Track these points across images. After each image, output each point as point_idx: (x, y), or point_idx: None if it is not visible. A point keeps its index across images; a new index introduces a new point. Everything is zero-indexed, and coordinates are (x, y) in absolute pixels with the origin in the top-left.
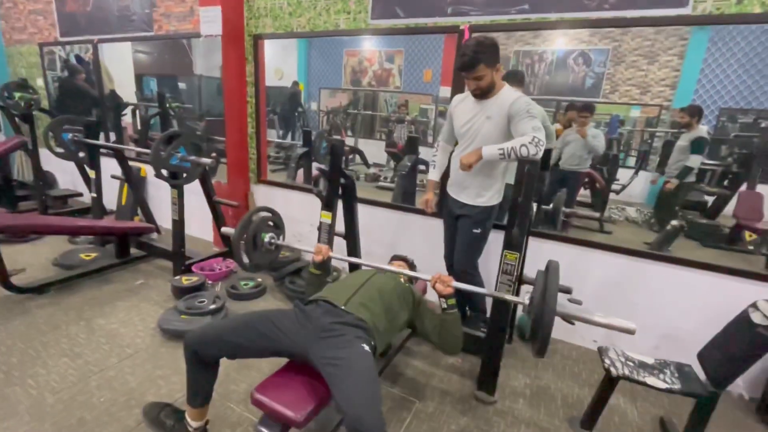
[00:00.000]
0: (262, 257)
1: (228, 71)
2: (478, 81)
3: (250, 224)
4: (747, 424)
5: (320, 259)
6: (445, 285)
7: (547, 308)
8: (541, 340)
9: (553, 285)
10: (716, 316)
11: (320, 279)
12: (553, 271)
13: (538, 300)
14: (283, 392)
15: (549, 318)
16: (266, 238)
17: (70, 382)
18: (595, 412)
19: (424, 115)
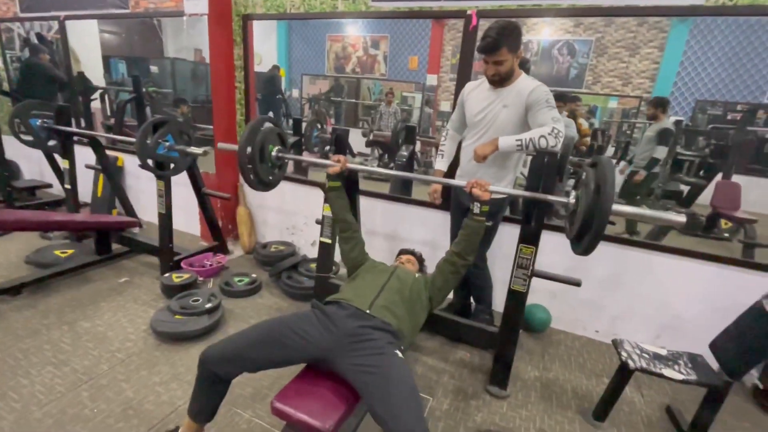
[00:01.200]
0: (269, 172)
1: (215, 54)
2: (498, 66)
3: (258, 133)
4: (745, 408)
5: (336, 169)
6: (483, 189)
7: (605, 203)
8: (592, 238)
9: (610, 179)
10: (715, 305)
11: (340, 192)
12: (606, 166)
13: (591, 197)
14: (307, 400)
15: (606, 212)
16: (274, 151)
17: (59, 393)
18: (608, 403)
19: (405, 103)
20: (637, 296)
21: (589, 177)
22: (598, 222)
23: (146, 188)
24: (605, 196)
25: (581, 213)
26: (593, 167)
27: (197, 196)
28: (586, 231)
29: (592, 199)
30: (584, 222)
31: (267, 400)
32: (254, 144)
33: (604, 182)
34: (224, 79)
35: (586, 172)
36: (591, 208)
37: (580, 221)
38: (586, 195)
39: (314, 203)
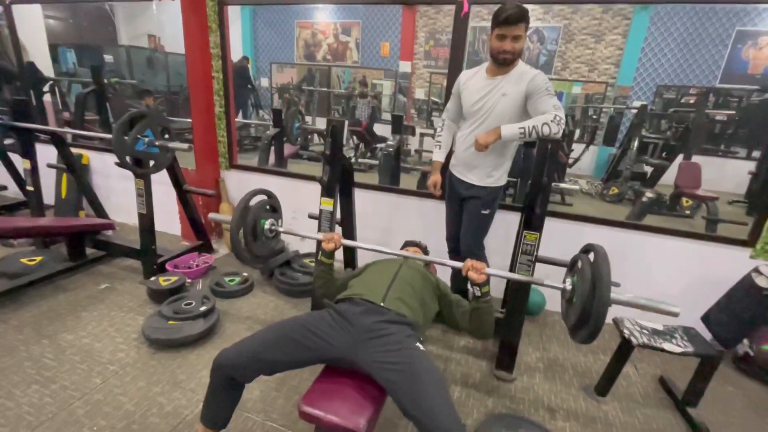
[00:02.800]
0: (262, 247)
1: (190, 43)
2: (515, 42)
3: (249, 210)
4: (728, 374)
5: (332, 247)
6: (479, 273)
7: (601, 300)
8: (591, 331)
9: (606, 274)
10: (694, 279)
11: (330, 270)
12: (602, 258)
13: (587, 290)
14: (334, 401)
15: (603, 309)
16: (266, 225)
17: (50, 413)
18: (610, 379)
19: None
20: (624, 275)
21: (584, 265)
22: (596, 319)
23: (116, 187)
24: (603, 292)
25: (578, 306)
26: (587, 254)
27: (178, 193)
28: (584, 324)
29: (588, 296)
30: (582, 315)
31: (278, 402)
32: (246, 224)
33: (600, 278)
34: (200, 69)
35: (581, 259)
36: (588, 304)
37: (577, 314)
38: (582, 285)
39: (302, 197)
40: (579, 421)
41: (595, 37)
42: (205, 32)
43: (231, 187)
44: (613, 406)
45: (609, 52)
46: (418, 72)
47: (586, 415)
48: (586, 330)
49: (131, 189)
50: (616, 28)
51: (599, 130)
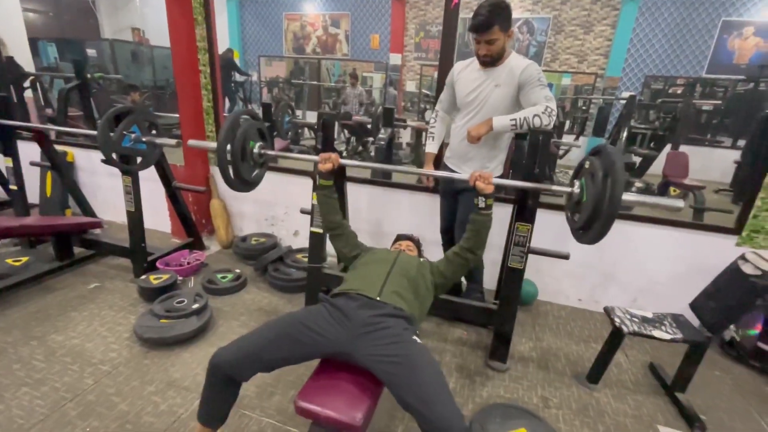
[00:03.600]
0: (250, 171)
1: (175, 36)
2: (489, 45)
3: (237, 128)
4: (715, 359)
5: (330, 166)
6: (486, 182)
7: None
8: (602, 226)
9: (619, 166)
10: (682, 267)
11: (331, 193)
12: (613, 153)
13: (599, 184)
14: (331, 396)
15: (615, 200)
16: (255, 148)
17: (41, 415)
18: (601, 367)
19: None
20: (614, 264)
21: (594, 165)
22: (609, 210)
23: (104, 184)
24: (616, 182)
25: (589, 202)
26: (596, 155)
27: (167, 190)
28: (595, 220)
29: (601, 187)
30: (594, 211)
31: (274, 398)
32: (235, 141)
33: (614, 169)
34: (187, 62)
35: (590, 161)
36: (600, 196)
37: (589, 210)
38: (593, 184)
39: (294, 192)
40: (572, 408)
41: (585, 28)
42: (191, 24)
43: (221, 182)
44: (605, 393)
45: (598, 43)
46: (409, 64)
47: (579, 403)
48: (598, 223)
49: (119, 186)
50: (605, 19)
51: (589, 121)
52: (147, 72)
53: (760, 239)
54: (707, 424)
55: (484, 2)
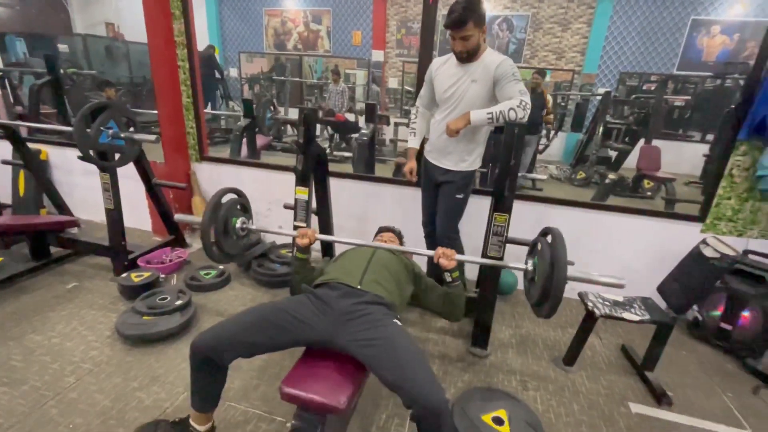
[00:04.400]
0: (234, 245)
1: (153, 31)
2: (465, 41)
3: (220, 208)
4: (682, 339)
5: (307, 242)
6: (449, 259)
7: (559, 277)
8: (552, 305)
9: (562, 254)
10: (653, 253)
11: (306, 264)
12: (559, 239)
13: (547, 269)
14: (315, 381)
15: (561, 286)
16: (237, 224)
17: (21, 414)
18: (576, 349)
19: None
20: (589, 252)
21: (543, 248)
22: (554, 295)
23: (80, 183)
24: (560, 269)
25: (539, 284)
26: (545, 236)
27: (147, 187)
28: (544, 300)
29: (547, 275)
30: (543, 292)
31: (259, 390)
32: (217, 221)
33: (558, 258)
34: (165, 57)
35: (540, 241)
36: (547, 282)
37: (539, 291)
38: (542, 265)
39: (276, 188)
40: (549, 390)
41: (562, 25)
42: (168, 19)
43: (203, 179)
44: (580, 374)
45: (575, 41)
46: (391, 61)
47: (556, 384)
48: (548, 305)
49: (96, 184)
50: (581, 17)
51: (567, 117)
52: (123, 68)
53: (722, 226)
54: (674, 400)
55: (454, 4)
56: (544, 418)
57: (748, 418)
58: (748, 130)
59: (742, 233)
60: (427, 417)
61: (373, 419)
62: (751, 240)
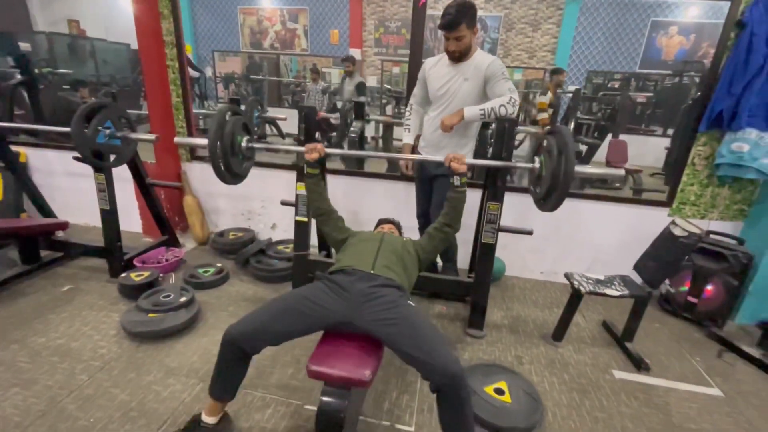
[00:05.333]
0: (240, 164)
1: (142, 31)
2: (458, 42)
3: (225, 125)
4: (655, 314)
5: (316, 155)
6: (460, 162)
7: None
8: (559, 196)
9: (570, 146)
10: (627, 236)
11: (318, 180)
12: (566, 134)
13: (555, 161)
14: (339, 359)
15: (571, 172)
16: (243, 142)
17: (39, 412)
18: (564, 326)
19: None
20: (570, 238)
21: (551, 144)
22: (564, 181)
23: (63, 185)
24: (569, 158)
25: (548, 175)
26: (552, 135)
27: (141, 188)
28: (553, 190)
29: (556, 162)
30: (552, 182)
31: (273, 377)
32: (224, 137)
33: (566, 147)
34: (155, 57)
35: (546, 140)
36: (556, 170)
37: (547, 182)
38: (550, 160)
39: (271, 185)
40: (541, 363)
41: (533, 25)
42: (157, 19)
43: (194, 178)
44: (568, 348)
45: (545, 40)
46: (369, 60)
47: (547, 358)
48: (556, 194)
49: (80, 187)
50: (550, 18)
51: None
52: (89, 67)
53: (687, 210)
54: (651, 366)
55: (451, 2)
56: (539, 387)
57: (714, 378)
58: (707, 123)
59: (704, 216)
60: (446, 385)
61: (385, 396)
62: (712, 222)
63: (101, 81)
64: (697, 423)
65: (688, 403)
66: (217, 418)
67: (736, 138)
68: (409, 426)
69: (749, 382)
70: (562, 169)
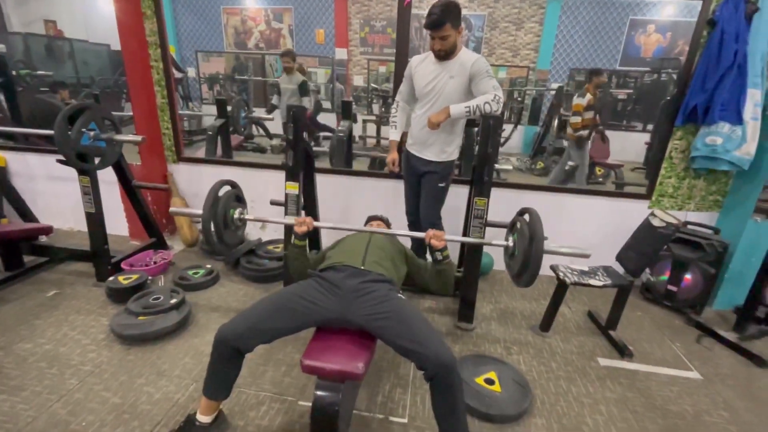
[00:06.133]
0: (232, 236)
1: (124, 32)
2: (443, 41)
3: (219, 200)
4: (637, 302)
5: (305, 230)
6: (439, 239)
7: (538, 249)
8: (531, 275)
9: (539, 231)
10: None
11: (304, 251)
12: (536, 218)
13: (526, 243)
14: (332, 353)
15: (539, 257)
16: (235, 214)
17: (29, 417)
18: (550, 317)
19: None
20: (555, 231)
21: (522, 226)
22: (534, 265)
23: (44, 190)
24: (538, 245)
25: (519, 257)
26: (523, 215)
27: (126, 190)
28: (524, 271)
29: (526, 248)
30: (523, 264)
31: (267, 375)
32: (217, 215)
33: (536, 234)
34: (138, 58)
35: (519, 222)
36: (527, 255)
37: (519, 263)
38: (521, 241)
39: (259, 185)
40: (530, 353)
41: (516, 24)
42: (140, 19)
43: (181, 180)
44: (555, 338)
45: (529, 39)
46: (355, 59)
47: (535, 348)
48: (527, 274)
49: (63, 191)
50: (533, 17)
51: (524, 111)
52: (68, 68)
53: (665, 201)
54: (634, 352)
55: (436, 2)
56: (528, 376)
57: (693, 362)
58: (683, 118)
59: (682, 207)
60: (439, 373)
61: (378, 390)
62: (689, 213)
63: (81, 82)
64: (678, 404)
65: (669, 386)
66: (211, 416)
67: (709, 131)
68: (403, 418)
69: (726, 364)
70: (532, 254)
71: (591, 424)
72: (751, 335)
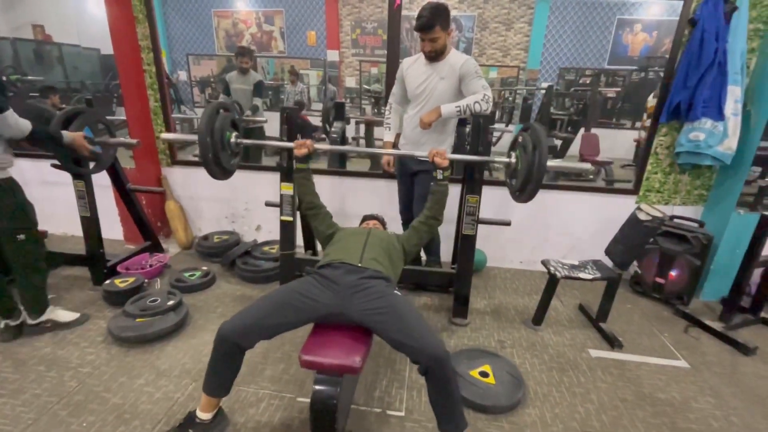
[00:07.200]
0: (229, 160)
1: (117, 36)
2: (433, 42)
3: (215, 120)
4: (626, 295)
5: (305, 152)
6: (442, 157)
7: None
8: (533, 188)
9: (543, 140)
10: (599, 223)
11: (308, 174)
12: (539, 130)
13: (530, 154)
14: (330, 348)
15: (543, 165)
16: (232, 138)
17: (29, 419)
18: (542, 311)
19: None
20: (546, 227)
21: (525, 140)
22: (538, 174)
23: (37, 195)
24: (542, 152)
25: (523, 169)
26: (527, 131)
27: (121, 194)
28: (528, 183)
29: (531, 157)
30: (526, 175)
31: (265, 373)
32: (214, 132)
33: (540, 143)
34: (131, 62)
35: (522, 136)
36: (531, 163)
37: (523, 176)
38: (525, 154)
39: (254, 187)
40: (523, 346)
41: (506, 25)
42: (132, 22)
43: (176, 183)
44: (547, 331)
45: (518, 39)
46: (347, 60)
47: (528, 341)
48: (530, 186)
49: (56, 196)
50: (522, 17)
51: (515, 110)
52: (57, 73)
53: (652, 196)
54: (624, 343)
55: (425, 5)
56: (521, 368)
57: (681, 351)
58: (667, 114)
59: (668, 201)
60: (433, 366)
61: (375, 385)
62: (675, 207)
63: (71, 87)
64: (666, 392)
65: (658, 375)
66: (211, 414)
67: (693, 128)
68: (400, 411)
69: (712, 353)
70: (536, 163)
71: (583, 413)
72: (736, 324)
